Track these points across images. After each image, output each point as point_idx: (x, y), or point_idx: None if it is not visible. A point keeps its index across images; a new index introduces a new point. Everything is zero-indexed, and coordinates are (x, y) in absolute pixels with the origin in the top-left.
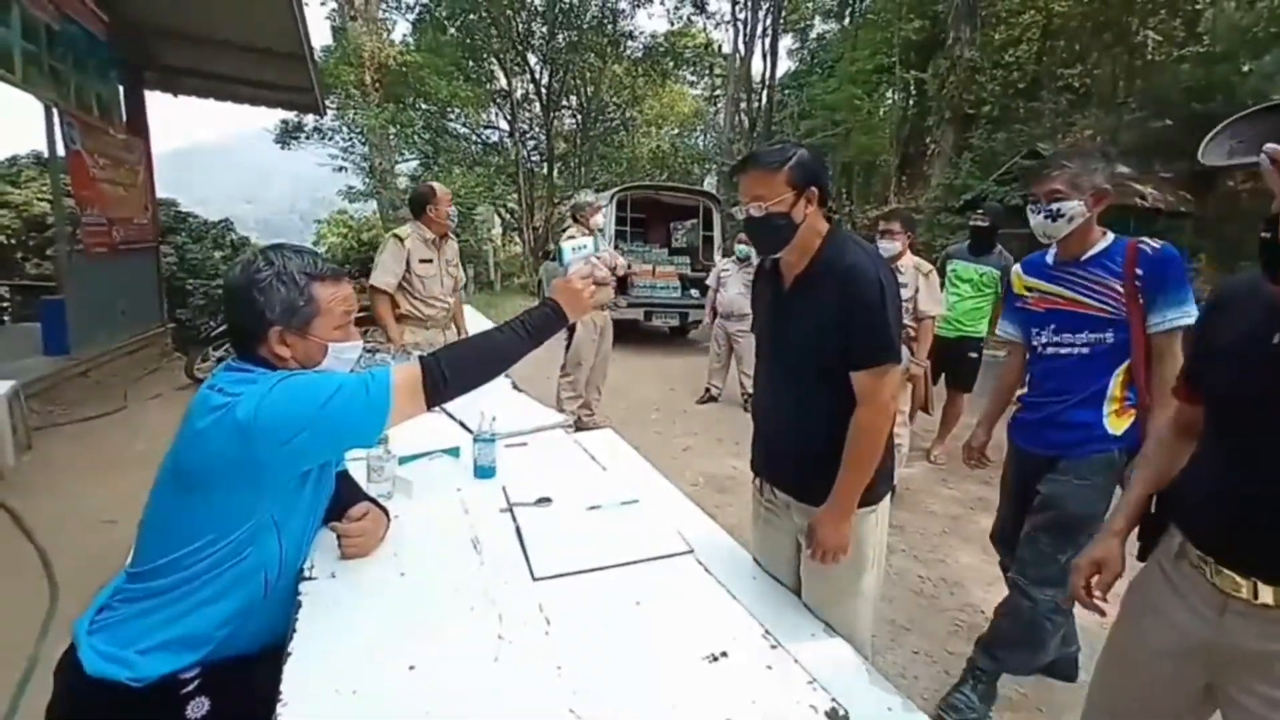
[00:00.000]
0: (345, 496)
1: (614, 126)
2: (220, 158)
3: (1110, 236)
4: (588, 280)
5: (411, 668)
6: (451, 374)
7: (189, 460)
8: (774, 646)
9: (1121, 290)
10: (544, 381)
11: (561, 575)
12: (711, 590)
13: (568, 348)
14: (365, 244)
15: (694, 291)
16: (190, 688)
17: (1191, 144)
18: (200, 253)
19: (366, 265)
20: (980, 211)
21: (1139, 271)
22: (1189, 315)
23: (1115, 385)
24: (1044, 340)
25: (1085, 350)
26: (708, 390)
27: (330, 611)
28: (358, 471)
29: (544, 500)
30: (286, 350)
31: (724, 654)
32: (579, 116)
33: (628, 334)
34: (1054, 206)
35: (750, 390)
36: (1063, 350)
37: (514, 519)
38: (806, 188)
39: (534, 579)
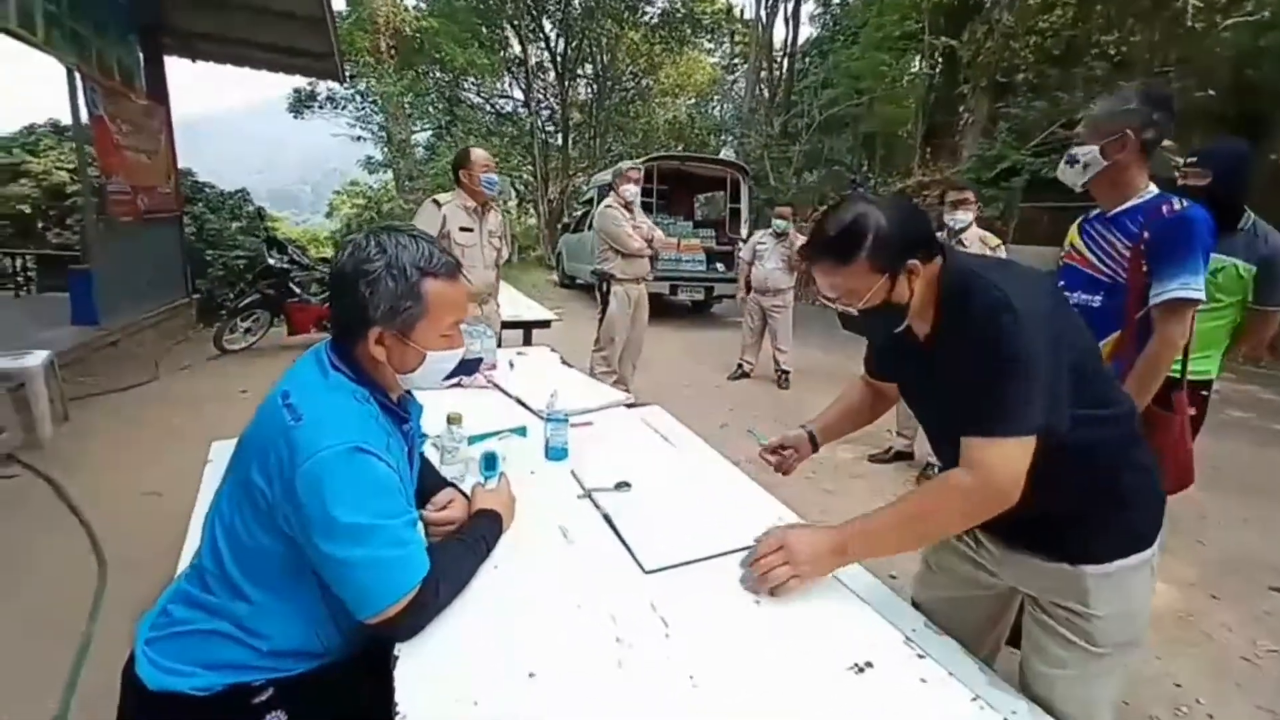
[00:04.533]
0: (427, 482)
1: (630, 96)
2: (229, 129)
3: (1151, 192)
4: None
5: (531, 675)
6: (441, 602)
7: (256, 478)
8: (921, 656)
9: (1128, 254)
10: (573, 357)
11: (671, 567)
12: (831, 586)
13: (601, 321)
14: (384, 215)
15: (719, 265)
16: (264, 697)
17: (1234, 114)
18: (219, 223)
19: None
20: (1193, 159)
21: (1147, 235)
22: (1190, 289)
23: None
24: None
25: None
26: (740, 366)
27: None
28: (430, 456)
29: (623, 485)
30: (382, 352)
31: (869, 664)
32: (594, 85)
33: (651, 307)
34: (1073, 151)
35: (785, 367)
36: None
37: (596, 505)
38: (902, 263)
39: (645, 572)
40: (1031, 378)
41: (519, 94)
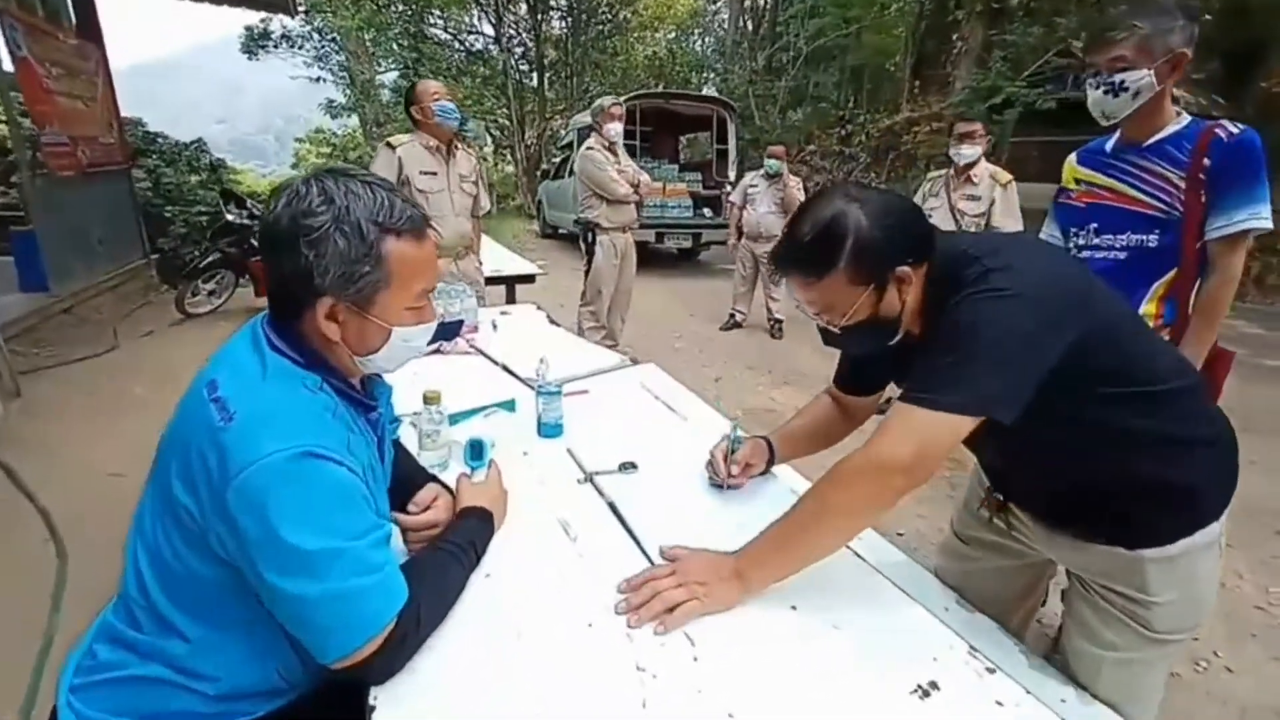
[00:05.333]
0: (405, 476)
1: (607, 31)
2: (186, 72)
3: (1185, 119)
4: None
5: None
6: (423, 632)
7: (179, 491)
8: (991, 670)
9: (1182, 184)
10: (559, 312)
11: None
12: (872, 581)
13: (587, 274)
14: (354, 164)
15: (706, 210)
16: None
17: (1226, 42)
18: (176, 177)
19: None
20: None
21: (1207, 162)
22: (1259, 218)
23: (1151, 300)
24: (1079, 243)
25: (1122, 255)
26: (732, 316)
27: None
28: (406, 439)
29: (628, 466)
30: (335, 329)
31: (934, 685)
32: (569, 19)
33: (637, 257)
34: (1117, 78)
35: (778, 315)
36: (1098, 255)
37: (599, 492)
38: (890, 271)
39: None
40: (985, 356)
41: (489, 29)
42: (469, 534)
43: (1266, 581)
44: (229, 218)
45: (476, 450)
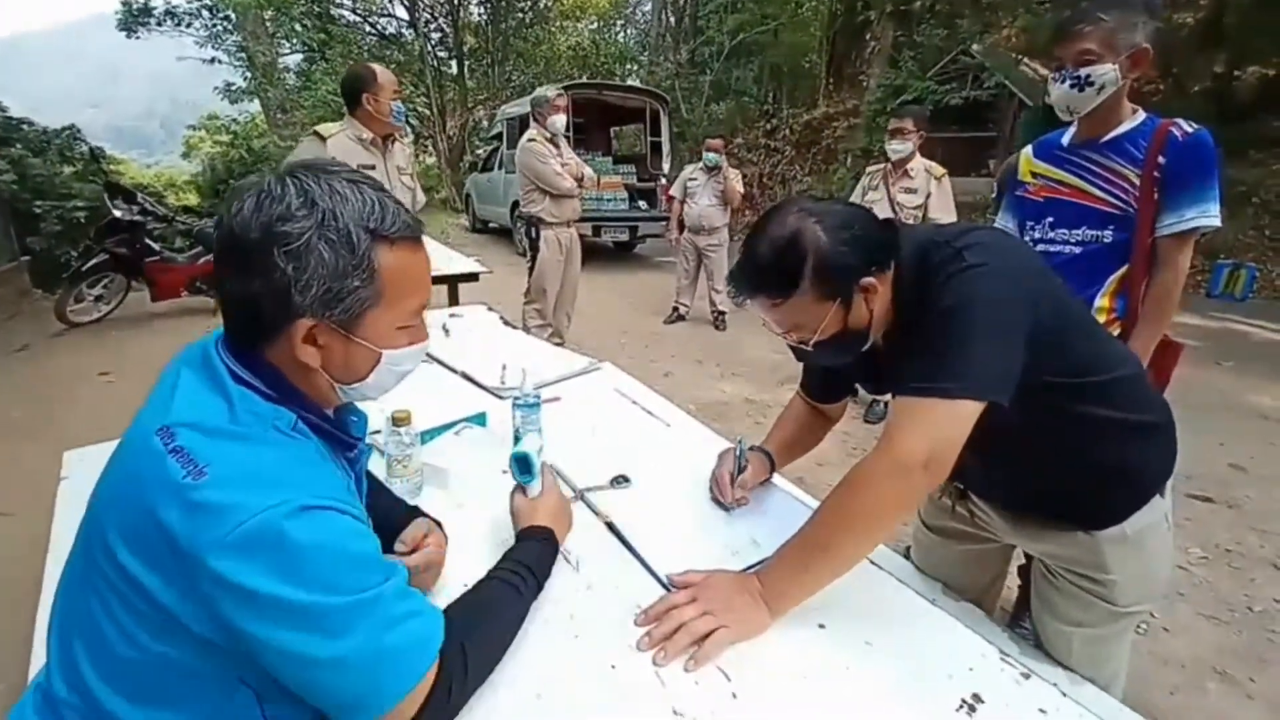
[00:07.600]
0: (384, 511)
1: (528, 19)
2: (53, 51)
3: (1141, 116)
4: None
5: None
6: (473, 675)
7: (131, 567)
8: (1026, 675)
9: (1137, 181)
10: (499, 310)
11: None
12: (890, 588)
13: (531, 270)
14: (257, 154)
15: (642, 203)
16: None
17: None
18: (46, 168)
19: None
20: None
21: (1162, 160)
22: (1210, 216)
23: (1105, 294)
24: (1035, 236)
25: (1077, 250)
26: (675, 309)
27: None
28: (374, 465)
29: (620, 480)
30: (313, 355)
31: (977, 698)
32: (488, 5)
33: None
34: (1083, 72)
35: (721, 308)
36: (1052, 249)
37: (593, 510)
38: (855, 283)
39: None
40: (976, 337)
41: (402, 12)
42: (526, 556)
43: (1184, 542)
44: (117, 214)
45: (524, 465)
